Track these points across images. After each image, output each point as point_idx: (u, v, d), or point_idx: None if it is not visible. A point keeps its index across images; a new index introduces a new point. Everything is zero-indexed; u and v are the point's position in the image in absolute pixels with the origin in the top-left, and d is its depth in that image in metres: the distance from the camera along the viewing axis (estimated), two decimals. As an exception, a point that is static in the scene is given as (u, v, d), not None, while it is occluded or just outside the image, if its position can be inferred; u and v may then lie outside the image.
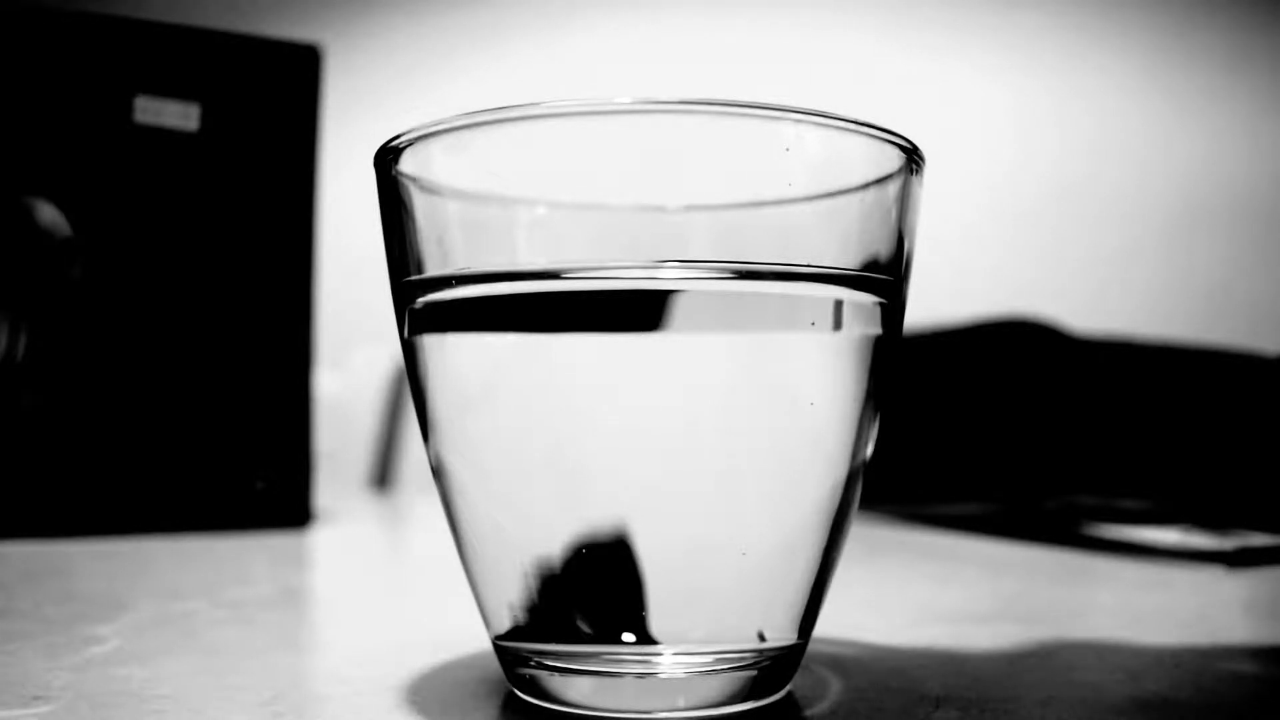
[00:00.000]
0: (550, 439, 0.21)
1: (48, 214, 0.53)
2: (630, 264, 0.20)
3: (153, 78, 0.55)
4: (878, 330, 0.23)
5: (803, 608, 0.23)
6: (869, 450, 0.24)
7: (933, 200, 0.39)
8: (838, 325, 0.22)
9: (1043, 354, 0.92)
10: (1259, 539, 0.51)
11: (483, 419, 0.22)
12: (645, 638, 0.21)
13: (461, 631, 0.29)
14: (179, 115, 0.55)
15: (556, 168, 0.22)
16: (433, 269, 0.22)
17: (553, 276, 0.20)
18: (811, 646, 0.26)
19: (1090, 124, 1.61)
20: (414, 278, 0.22)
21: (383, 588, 0.44)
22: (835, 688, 0.24)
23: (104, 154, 0.54)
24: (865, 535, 0.59)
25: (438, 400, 0.23)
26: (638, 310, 0.20)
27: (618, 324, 0.20)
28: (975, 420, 0.88)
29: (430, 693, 0.24)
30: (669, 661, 0.21)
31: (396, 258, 0.23)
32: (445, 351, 0.22)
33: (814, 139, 0.21)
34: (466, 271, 0.21)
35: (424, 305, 0.22)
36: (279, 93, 0.58)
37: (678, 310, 0.20)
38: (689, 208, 0.21)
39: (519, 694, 0.23)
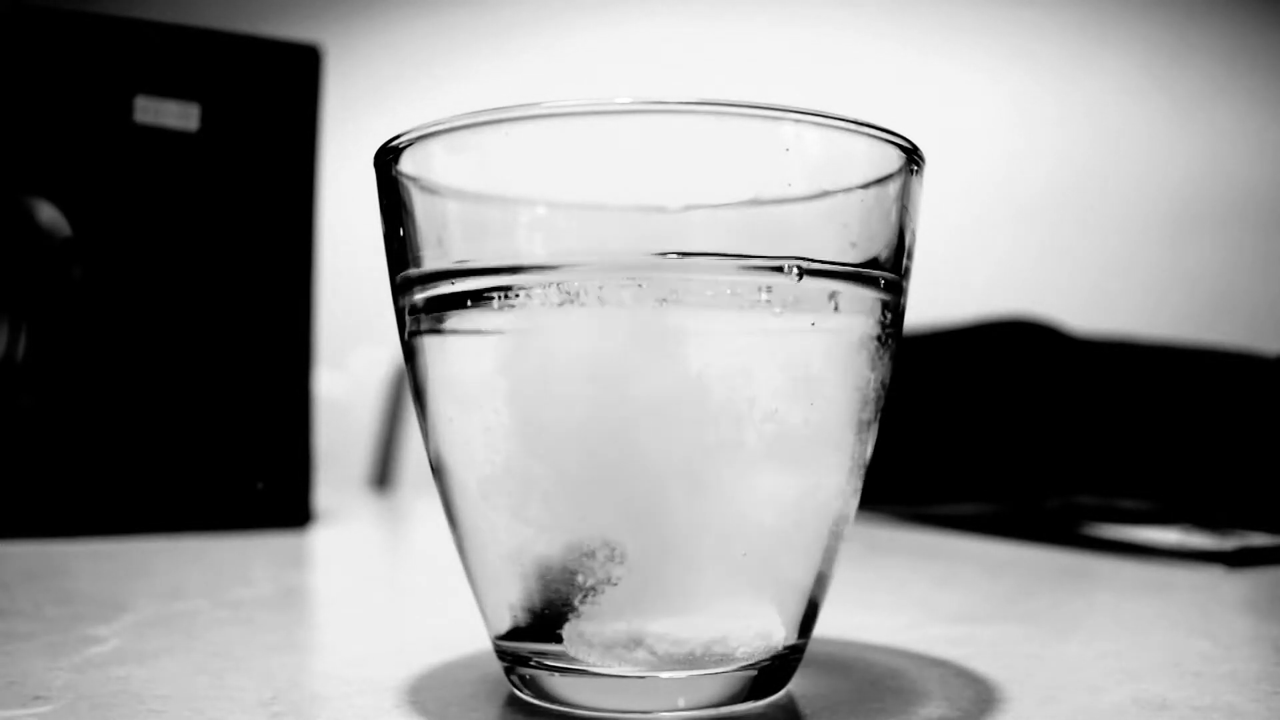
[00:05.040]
0: (549, 437, 0.21)
1: (48, 214, 0.53)
2: (631, 255, 0.20)
3: (153, 78, 0.55)
4: (878, 329, 0.23)
5: (803, 608, 0.23)
6: (869, 449, 0.24)
7: (933, 200, 0.39)
8: (838, 324, 0.22)
9: (1043, 354, 0.92)
10: (1259, 539, 0.51)
11: (481, 416, 0.22)
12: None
13: (461, 631, 0.29)
14: (179, 115, 0.55)
15: (556, 168, 0.21)
16: (432, 268, 0.22)
17: (552, 269, 0.20)
18: (811, 646, 0.26)
19: (1090, 124, 1.61)
20: (413, 274, 0.22)
21: (383, 588, 0.44)
22: (835, 688, 0.24)
23: (104, 154, 0.54)
24: (865, 535, 0.59)
25: (437, 398, 0.23)
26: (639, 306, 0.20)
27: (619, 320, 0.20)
28: (975, 420, 0.88)
29: (430, 693, 0.24)
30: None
31: (396, 257, 0.23)
32: (445, 349, 0.22)
33: (814, 139, 0.21)
34: (465, 265, 0.21)
35: (423, 303, 0.22)
36: (279, 93, 0.58)
37: (678, 307, 0.20)
38: (689, 207, 0.21)
39: (519, 694, 0.23)
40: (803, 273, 0.21)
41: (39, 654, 0.27)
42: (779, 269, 0.21)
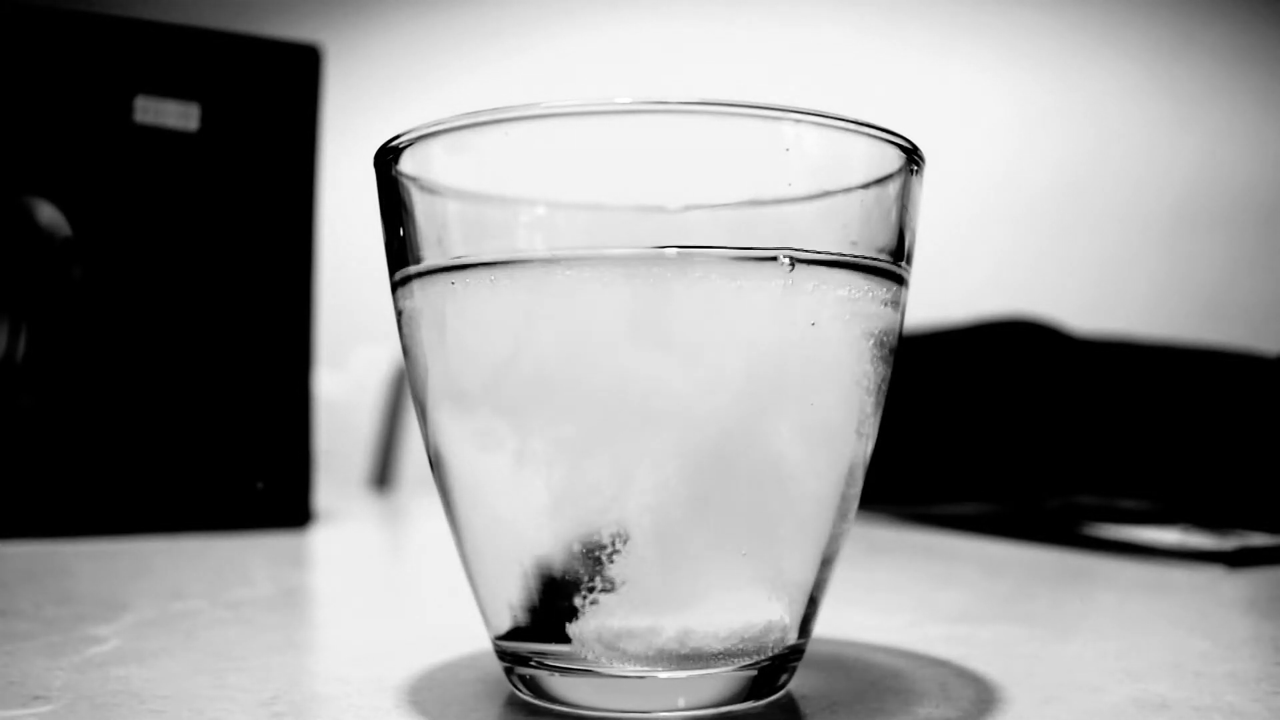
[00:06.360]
0: (546, 435, 0.21)
1: (48, 214, 0.53)
2: (628, 248, 0.20)
3: (153, 78, 0.55)
4: (878, 329, 0.23)
5: (803, 607, 0.23)
6: (870, 448, 0.24)
7: (933, 200, 0.39)
8: (838, 323, 0.22)
9: (1043, 354, 0.92)
10: (1259, 539, 0.51)
11: (480, 414, 0.22)
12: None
13: (461, 631, 0.29)
14: (179, 115, 0.55)
15: (556, 168, 0.21)
16: (431, 264, 0.22)
17: (550, 264, 0.20)
18: (811, 646, 0.26)
19: (1091, 123, 1.61)
20: (411, 271, 0.22)
21: (383, 588, 0.44)
22: (835, 688, 0.24)
23: (104, 154, 0.54)
24: (865, 535, 0.59)
25: (436, 397, 0.23)
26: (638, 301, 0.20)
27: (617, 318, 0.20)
28: (975, 420, 0.88)
29: (430, 693, 0.24)
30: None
31: (396, 257, 0.23)
32: (444, 345, 0.22)
33: (814, 139, 0.21)
34: (464, 260, 0.21)
35: (423, 298, 0.22)
36: (279, 93, 0.58)
37: (677, 305, 0.20)
38: (689, 207, 0.21)
39: (519, 694, 0.23)
40: (795, 262, 0.21)
41: (39, 654, 0.27)
42: (772, 259, 0.20)
